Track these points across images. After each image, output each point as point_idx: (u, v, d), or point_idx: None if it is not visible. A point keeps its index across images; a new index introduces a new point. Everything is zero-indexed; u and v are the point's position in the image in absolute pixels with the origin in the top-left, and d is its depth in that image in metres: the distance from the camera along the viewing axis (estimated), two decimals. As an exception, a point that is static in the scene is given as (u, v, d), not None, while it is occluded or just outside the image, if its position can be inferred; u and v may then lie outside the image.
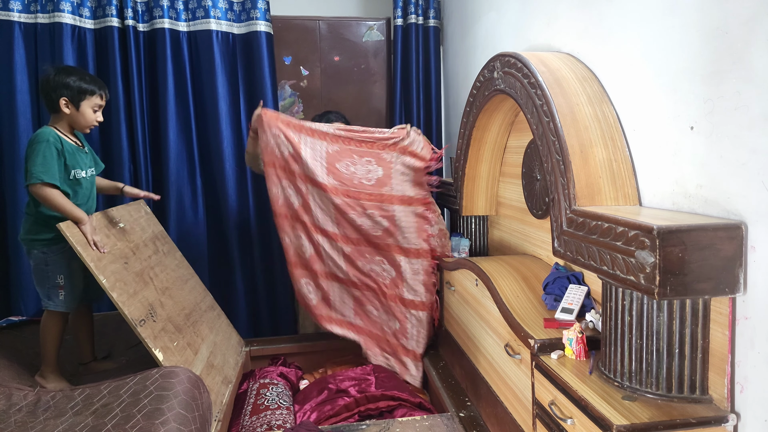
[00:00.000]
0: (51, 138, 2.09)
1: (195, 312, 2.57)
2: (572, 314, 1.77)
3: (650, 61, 1.52)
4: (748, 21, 1.18)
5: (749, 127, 1.19)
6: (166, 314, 2.28)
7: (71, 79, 2.14)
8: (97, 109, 2.22)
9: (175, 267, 2.67)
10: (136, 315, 2.07)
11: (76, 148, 2.21)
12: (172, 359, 2.09)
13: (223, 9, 3.25)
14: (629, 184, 1.60)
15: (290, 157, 2.67)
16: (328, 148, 2.66)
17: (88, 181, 2.26)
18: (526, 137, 2.34)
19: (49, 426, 1.76)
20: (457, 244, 2.81)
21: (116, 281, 2.09)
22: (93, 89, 2.18)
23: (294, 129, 2.67)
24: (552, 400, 1.54)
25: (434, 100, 3.60)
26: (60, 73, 2.15)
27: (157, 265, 2.49)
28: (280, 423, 2.23)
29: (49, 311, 2.18)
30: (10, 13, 3.04)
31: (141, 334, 2.03)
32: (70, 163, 2.15)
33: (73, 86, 2.14)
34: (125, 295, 2.08)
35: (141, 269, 2.33)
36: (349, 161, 2.65)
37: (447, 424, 2.15)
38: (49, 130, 2.12)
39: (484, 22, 2.84)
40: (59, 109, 2.15)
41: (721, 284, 1.23)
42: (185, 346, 2.26)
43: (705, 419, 1.27)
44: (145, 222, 2.66)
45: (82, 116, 2.18)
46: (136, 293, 2.17)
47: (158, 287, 2.37)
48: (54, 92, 2.13)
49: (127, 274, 2.20)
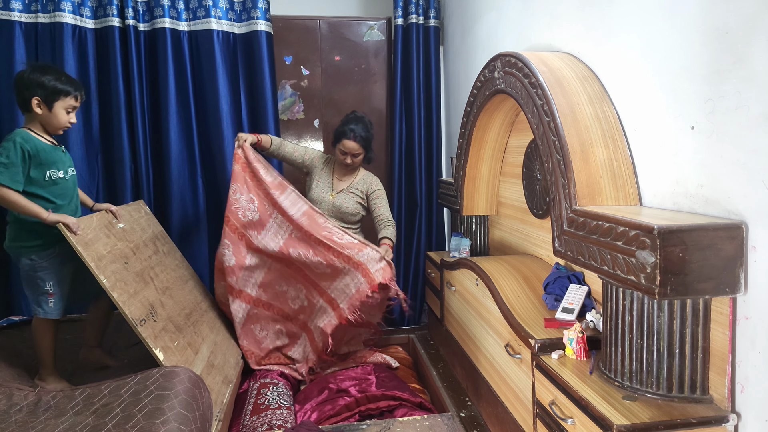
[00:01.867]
0: (19, 139, 2.01)
1: (195, 312, 2.57)
2: (573, 314, 1.77)
3: (651, 61, 1.52)
4: (748, 21, 1.18)
5: (750, 126, 1.19)
6: (167, 314, 2.28)
7: (46, 78, 2.04)
8: (71, 110, 2.12)
9: (175, 267, 2.67)
10: (137, 315, 2.07)
11: (52, 148, 2.11)
12: (172, 359, 2.09)
13: (223, 9, 3.25)
14: (630, 184, 1.60)
15: (253, 224, 2.68)
16: (292, 233, 2.65)
17: (68, 182, 2.17)
18: (527, 137, 2.34)
19: (50, 426, 1.76)
20: (457, 244, 2.81)
21: (117, 281, 2.09)
22: (68, 90, 2.08)
23: (269, 202, 2.67)
24: (552, 400, 1.54)
25: (434, 99, 3.60)
26: (35, 71, 2.05)
27: (157, 265, 2.49)
28: (281, 423, 2.23)
29: (39, 318, 2.16)
30: (11, 13, 3.04)
31: (141, 333, 2.03)
32: (45, 163, 2.06)
33: (47, 86, 2.04)
34: (126, 295, 2.08)
35: (141, 269, 2.33)
36: (303, 251, 2.62)
37: (447, 423, 2.15)
38: (19, 132, 2.05)
39: (485, 21, 2.84)
40: (31, 109, 2.06)
41: (722, 284, 1.23)
42: (186, 345, 2.26)
43: (705, 419, 1.27)
44: (145, 222, 2.66)
45: (54, 117, 2.08)
46: (137, 293, 2.17)
47: (158, 287, 2.37)
48: (27, 90, 2.04)
49: (128, 274, 2.19)
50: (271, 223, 2.69)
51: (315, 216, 2.66)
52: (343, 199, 2.88)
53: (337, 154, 2.86)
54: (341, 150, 2.83)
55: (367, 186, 2.93)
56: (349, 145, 2.80)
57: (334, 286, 2.65)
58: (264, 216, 2.68)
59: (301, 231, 2.63)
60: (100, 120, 3.20)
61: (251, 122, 3.35)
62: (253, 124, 3.35)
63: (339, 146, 2.84)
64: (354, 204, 2.90)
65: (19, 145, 2.00)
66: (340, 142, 2.82)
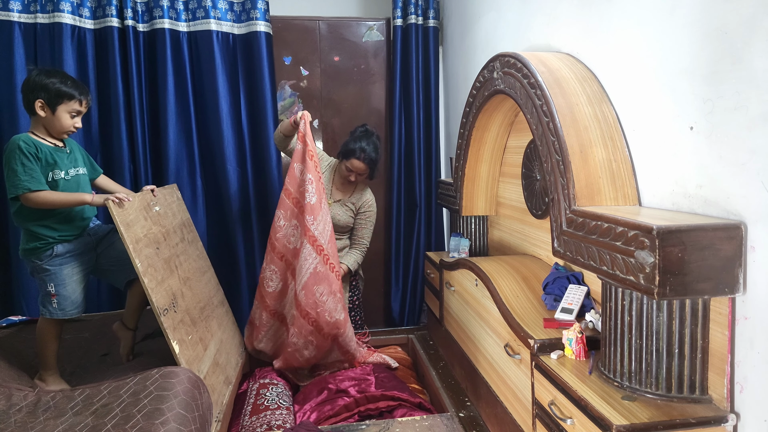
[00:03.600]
0: (21, 143, 2.01)
1: (208, 306, 2.55)
2: (572, 314, 1.77)
3: (650, 61, 1.52)
4: (748, 21, 1.18)
5: (749, 127, 1.19)
6: (185, 306, 2.26)
7: (51, 81, 2.04)
8: (75, 114, 2.11)
9: (196, 257, 2.64)
10: (162, 303, 2.03)
11: (54, 149, 2.11)
12: (186, 353, 2.08)
13: (223, 9, 3.25)
14: (629, 184, 1.60)
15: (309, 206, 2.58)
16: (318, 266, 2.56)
17: (69, 182, 2.14)
18: (526, 137, 2.34)
19: (49, 426, 1.76)
20: (457, 244, 2.81)
21: (148, 266, 2.04)
22: (72, 94, 2.07)
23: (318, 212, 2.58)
24: (552, 400, 1.54)
25: (434, 100, 3.60)
26: (41, 74, 2.06)
27: (182, 254, 2.44)
28: (280, 423, 2.23)
29: (44, 318, 2.17)
30: (10, 14, 3.04)
31: (163, 323, 2.00)
32: (47, 164, 2.07)
33: (51, 89, 2.03)
34: (154, 282, 2.04)
35: (169, 256, 2.28)
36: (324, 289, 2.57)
37: (447, 424, 2.15)
38: (19, 137, 2.04)
39: (484, 22, 2.84)
40: (35, 112, 2.06)
41: (721, 284, 1.23)
42: (198, 340, 2.25)
43: (705, 419, 1.27)
44: (177, 207, 2.60)
45: (57, 121, 2.07)
46: (163, 281, 2.13)
47: (181, 276, 2.33)
48: (31, 93, 2.04)
49: (158, 260, 2.15)
50: (323, 212, 2.60)
51: None
52: (337, 211, 2.91)
53: (342, 168, 2.88)
54: (347, 167, 2.83)
55: (361, 203, 2.98)
56: (356, 165, 2.81)
57: None
58: (320, 199, 2.58)
59: None
60: (99, 120, 3.20)
61: (251, 123, 3.35)
62: (252, 124, 3.35)
63: (347, 163, 2.83)
64: (347, 218, 2.94)
65: (21, 149, 2.01)
66: (349, 160, 2.81)
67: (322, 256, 2.56)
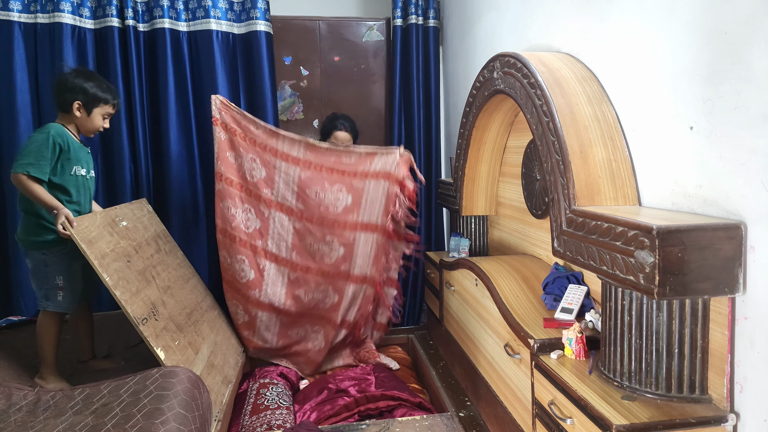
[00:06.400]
0: (53, 132, 2.11)
1: (196, 311, 2.57)
2: (572, 314, 1.78)
3: (650, 62, 1.52)
4: (748, 21, 1.18)
5: (748, 127, 1.19)
6: (168, 313, 2.28)
7: (89, 84, 2.18)
8: (107, 116, 2.27)
9: (176, 266, 2.67)
10: (138, 313, 2.06)
11: (80, 146, 2.24)
12: (173, 358, 2.09)
13: (223, 9, 3.25)
14: (629, 184, 1.60)
15: (261, 181, 2.73)
16: (301, 174, 2.72)
17: (88, 181, 2.28)
18: (526, 137, 2.34)
19: (49, 425, 1.76)
20: (457, 244, 2.81)
21: (119, 279, 2.09)
22: (107, 98, 2.23)
23: (270, 153, 2.71)
24: (552, 400, 1.55)
25: (434, 100, 3.60)
26: (79, 76, 2.19)
27: (159, 264, 2.48)
28: (280, 423, 2.23)
29: (46, 312, 2.18)
30: (10, 13, 3.04)
31: (143, 332, 2.02)
32: (72, 159, 2.17)
33: (89, 92, 2.18)
34: (128, 294, 2.08)
35: (143, 268, 2.32)
36: (319, 188, 2.71)
37: (447, 423, 2.15)
38: (53, 126, 2.14)
39: (484, 22, 2.84)
40: (71, 111, 2.18)
41: (721, 284, 1.23)
42: (186, 345, 2.26)
43: (704, 419, 1.27)
44: (148, 221, 2.66)
45: (90, 122, 2.22)
46: (139, 291, 2.17)
47: (160, 286, 2.37)
48: (69, 93, 2.16)
49: (130, 273, 2.19)
50: (278, 178, 2.73)
51: (316, 147, 2.73)
52: None
53: None
54: (333, 142, 2.97)
55: None
56: (341, 136, 3.00)
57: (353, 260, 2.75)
58: (270, 172, 2.72)
59: (309, 167, 2.70)
60: (99, 120, 3.20)
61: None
62: (252, 124, 3.35)
63: (331, 139, 3.00)
64: None
65: (52, 138, 2.10)
66: (332, 134, 3.00)
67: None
